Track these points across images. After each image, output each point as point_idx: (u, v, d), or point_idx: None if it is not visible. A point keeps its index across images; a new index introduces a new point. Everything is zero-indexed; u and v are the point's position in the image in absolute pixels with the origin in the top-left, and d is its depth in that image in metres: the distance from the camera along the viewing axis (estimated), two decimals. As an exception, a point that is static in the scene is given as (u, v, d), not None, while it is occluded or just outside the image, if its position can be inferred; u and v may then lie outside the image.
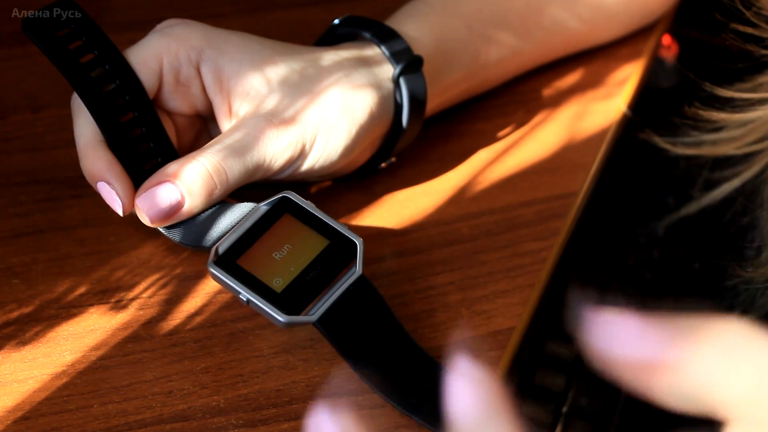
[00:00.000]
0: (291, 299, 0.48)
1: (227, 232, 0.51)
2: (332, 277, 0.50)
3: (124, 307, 0.52)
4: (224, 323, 0.52)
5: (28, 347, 0.50)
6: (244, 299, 0.48)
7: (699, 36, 0.78)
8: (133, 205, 0.52)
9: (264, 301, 0.48)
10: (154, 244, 0.55)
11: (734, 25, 0.57)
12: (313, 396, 0.49)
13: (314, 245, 0.51)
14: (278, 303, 0.48)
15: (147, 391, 0.48)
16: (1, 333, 0.50)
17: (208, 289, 0.53)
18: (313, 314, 0.48)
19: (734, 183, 0.60)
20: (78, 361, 0.49)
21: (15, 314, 0.51)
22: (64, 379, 0.49)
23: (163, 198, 0.51)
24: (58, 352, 0.50)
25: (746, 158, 0.60)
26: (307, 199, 0.52)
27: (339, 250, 0.51)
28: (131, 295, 0.53)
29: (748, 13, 0.56)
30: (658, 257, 0.71)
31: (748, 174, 0.59)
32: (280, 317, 0.48)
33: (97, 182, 0.52)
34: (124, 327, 0.51)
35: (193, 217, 0.52)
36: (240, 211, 0.52)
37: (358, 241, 0.51)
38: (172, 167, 0.51)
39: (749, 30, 0.57)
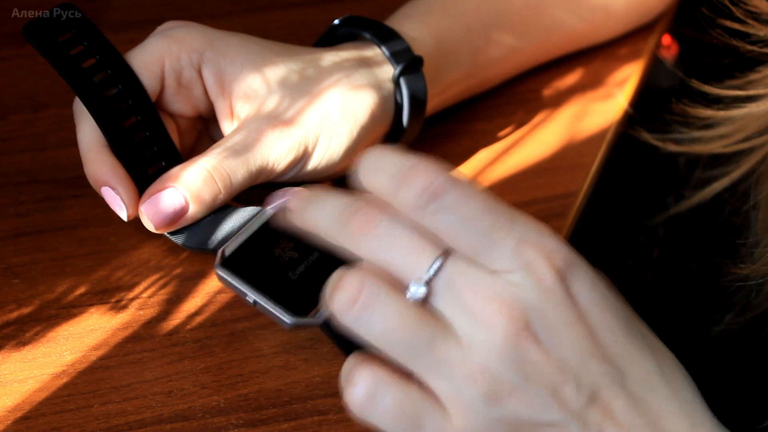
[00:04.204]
0: (298, 301, 0.48)
1: (232, 235, 0.51)
2: None
3: (124, 307, 0.52)
4: (224, 323, 0.52)
5: (28, 347, 0.50)
6: (251, 301, 0.48)
7: (692, 34, 0.78)
8: (138, 210, 0.52)
9: (271, 303, 0.48)
10: (154, 244, 0.55)
11: (721, 21, 0.57)
12: (314, 396, 0.49)
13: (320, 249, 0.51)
14: (285, 305, 0.48)
15: (147, 391, 0.48)
16: (1, 333, 0.50)
17: (208, 289, 0.53)
18: (319, 317, 0.48)
19: (724, 182, 0.61)
20: (78, 361, 0.49)
21: (15, 314, 0.51)
22: (64, 379, 0.49)
23: (167, 204, 0.51)
24: (58, 352, 0.50)
25: (738, 156, 0.60)
26: None
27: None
28: (131, 295, 0.53)
29: (735, 9, 0.56)
30: (658, 257, 0.71)
31: (737, 173, 0.60)
32: (287, 319, 0.48)
33: (101, 187, 0.52)
34: (124, 327, 0.51)
35: (197, 221, 0.52)
36: (244, 214, 0.52)
37: None
38: (175, 172, 0.51)
39: (736, 26, 0.57)
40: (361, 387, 0.38)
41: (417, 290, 0.38)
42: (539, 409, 0.37)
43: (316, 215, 0.40)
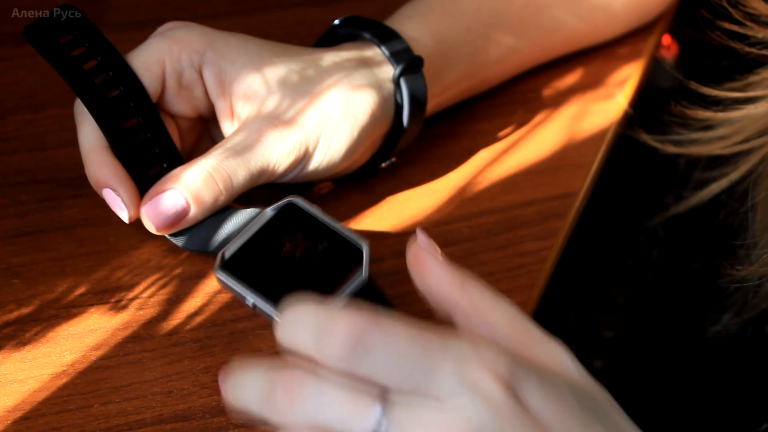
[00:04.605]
0: None
1: (233, 237, 0.51)
2: (339, 281, 0.50)
3: (124, 307, 0.52)
4: (224, 323, 0.52)
5: (28, 347, 0.50)
6: (251, 304, 0.48)
7: (692, 35, 0.78)
8: (139, 212, 0.52)
9: (270, 306, 0.48)
10: (154, 244, 0.55)
11: (720, 22, 0.57)
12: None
13: (320, 250, 0.51)
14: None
15: (147, 391, 0.48)
16: (1, 333, 0.50)
17: (208, 289, 0.53)
18: None
19: (722, 183, 0.61)
20: (78, 361, 0.50)
21: (15, 314, 0.51)
22: (64, 379, 0.49)
23: (168, 205, 0.51)
24: (58, 352, 0.50)
25: (736, 158, 0.60)
26: (311, 202, 0.52)
27: (345, 255, 0.50)
28: (131, 295, 0.53)
29: (734, 11, 0.56)
30: (658, 257, 0.71)
31: (736, 174, 0.60)
32: None
33: (102, 189, 0.52)
34: (124, 327, 0.51)
35: (198, 223, 0.52)
36: (245, 216, 0.52)
37: (364, 246, 0.51)
38: (176, 173, 0.51)
39: (735, 28, 0.57)
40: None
41: None
42: None
43: (241, 395, 0.38)
